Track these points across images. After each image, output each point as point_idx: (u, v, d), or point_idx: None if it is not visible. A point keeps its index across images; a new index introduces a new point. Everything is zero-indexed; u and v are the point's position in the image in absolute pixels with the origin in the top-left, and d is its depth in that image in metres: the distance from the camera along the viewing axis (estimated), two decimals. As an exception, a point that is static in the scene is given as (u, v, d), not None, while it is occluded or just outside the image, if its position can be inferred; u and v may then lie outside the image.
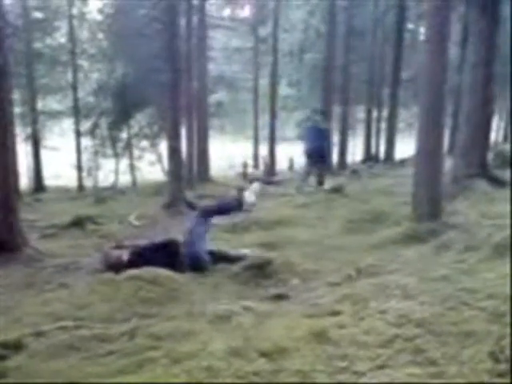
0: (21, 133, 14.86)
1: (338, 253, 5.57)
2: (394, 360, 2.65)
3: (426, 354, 2.66)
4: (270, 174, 18.91)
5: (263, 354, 2.90)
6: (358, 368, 2.59)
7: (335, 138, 20.89)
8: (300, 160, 23.32)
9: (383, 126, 23.63)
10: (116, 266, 5.06)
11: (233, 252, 5.58)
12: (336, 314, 3.54)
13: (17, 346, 3.44)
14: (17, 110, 12.70)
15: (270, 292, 4.40)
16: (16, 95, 12.62)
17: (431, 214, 5.94)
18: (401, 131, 24.11)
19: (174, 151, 11.96)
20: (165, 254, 5.13)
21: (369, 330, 3.05)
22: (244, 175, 19.41)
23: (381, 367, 2.58)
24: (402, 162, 19.29)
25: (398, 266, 4.58)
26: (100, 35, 19.26)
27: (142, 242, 5.68)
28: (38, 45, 16.79)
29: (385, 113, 23.56)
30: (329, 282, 4.50)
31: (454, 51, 16.32)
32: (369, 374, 2.53)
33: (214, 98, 22.74)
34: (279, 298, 4.24)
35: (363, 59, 23.00)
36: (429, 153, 6.04)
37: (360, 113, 25.48)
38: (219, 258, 5.40)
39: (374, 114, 24.05)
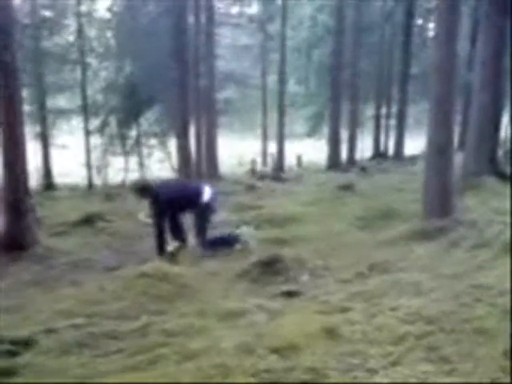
0: (30, 131, 14.91)
1: (348, 249, 5.55)
2: (406, 357, 2.64)
3: (439, 352, 2.65)
4: (278, 171, 18.86)
5: (275, 351, 2.90)
6: (371, 365, 2.58)
7: (344, 134, 20.85)
8: (309, 157, 23.38)
9: (392, 122, 23.51)
10: None
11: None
12: (347, 310, 3.53)
13: (27, 343, 3.46)
14: (26, 108, 12.74)
15: (280, 289, 4.39)
16: (25, 94, 12.66)
17: (442, 211, 5.90)
18: (410, 127, 23.96)
19: (182, 149, 11.98)
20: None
21: (381, 327, 3.04)
22: (253, 172, 19.39)
23: (393, 364, 2.57)
24: (412, 158, 19.19)
25: (409, 263, 4.57)
26: (108, 33, 19.31)
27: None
28: (46, 43, 16.84)
29: (394, 109, 23.44)
30: (340, 279, 4.49)
31: (463, 46, 16.21)
32: (382, 371, 2.52)
33: (222, 96, 22.72)
34: (290, 294, 4.23)
35: (372, 55, 22.87)
36: (439, 149, 5.99)
37: (369, 109, 25.33)
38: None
39: (383, 110, 23.93)
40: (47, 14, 16.96)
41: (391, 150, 23.23)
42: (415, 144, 20.57)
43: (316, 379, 2.52)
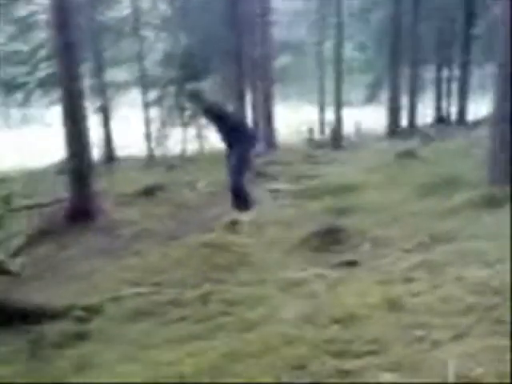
0: (91, 105, 15.28)
1: (410, 218, 5.40)
2: (473, 329, 2.55)
3: (507, 325, 2.54)
4: (336, 139, 18.57)
5: (336, 321, 2.88)
6: (436, 337, 2.52)
7: (404, 100, 20.22)
8: (368, 124, 22.87)
9: (454, 86, 22.58)
10: None
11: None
12: (410, 281, 3.46)
13: (97, 310, 3.61)
14: (86, 82, 13.04)
15: (340, 258, 4.34)
16: (84, 68, 12.95)
17: (508, 178, 5.63)
18: (473, 91, 22.90)
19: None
20: None
21: (445, 298, 2.95)
22: (310, 141, 19.19)
23: (459, 337, 2.49)
24: (476, 123, 18.39)
25: (474, 232, 4.40)
26: (163, 5, 19.35)
27: None
28: (102, 17, 17.07)
29: (456, 72, 22.48)
30: (402, 249, 4.38)
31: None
32: (447, 343, 2.45)
33: (278, 64, 22.41)
34: (350, 264, 4.18)
35: (432, 16, 21.88)
36: (505, 115, 5.69)
37: (429, 73, 24.37)
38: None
39: (444, 73, 22.99)
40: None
41: (453, 115, 22.37)
42: (479, 108, 19.71)
43: (378, 350, 2.48)
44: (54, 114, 13.49)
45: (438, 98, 22.93)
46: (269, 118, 17.50)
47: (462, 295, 2.94)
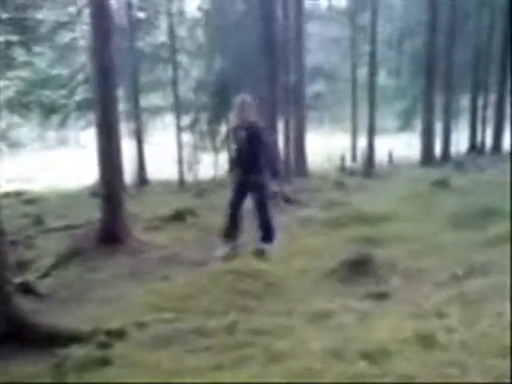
0: (125, 128, 15.57)
1: (444, 250, 5.24)
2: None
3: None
4: (368, 167, 18.41)
5: (365, 356, 2.77)
6: (471, 378, 2.38)
7: (438, 127, 19.98)
8: (401, 152, 22.62)
9: (490, 114, 22.24)
10: None
11: None
12: (443, 315, 3.32)
13: (120, 335, 3.57)
14: (121, 106, 13.31)
15: (370, 290, 4.22)
16: (120, 92, 13.24)
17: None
18: (509, 120, 22.51)
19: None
20: None
21: (482, 336, 2.81)
22: (342, 168, 19.08)
23: (497, 379, 2.35)
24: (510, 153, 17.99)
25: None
26: (199, 32, 19.72)
27: None
28: (139, 43, 17.49)
29: (491, 100, 22.16)
30: (435, 282, 4.24)
31: None
32: (483, 386, 2.31)
33: (311, 90, 22.48)
34: (380, 296, 4.06)
35: (467, 43, 21.70)
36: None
37: (464, 101, 24.08)
38: None
39: (480, 101, 22.68)
40: (141, 15, 17.59)
41: (488, 144, 21.99)
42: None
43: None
44: (89, 137, 13.79)
45: (473, 126, 22.60)
46: (300, 144, 17.49)
47: (500, 333, 2.80)
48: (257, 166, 5.94)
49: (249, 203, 6.10)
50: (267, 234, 5.99)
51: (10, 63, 14.15)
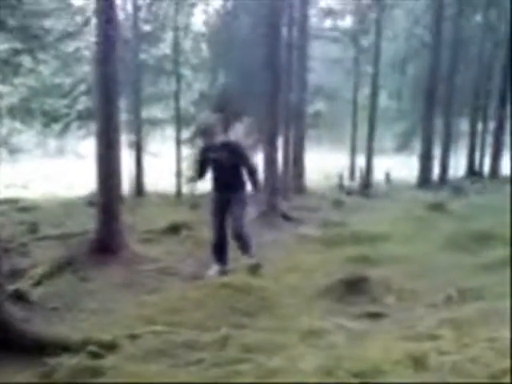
0: (125, 139, 15.59)
1: (438, 272, 5.24)
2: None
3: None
4: (366, 187, 18.45)
5: (356, 375, 2.76)
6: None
7: (436, 150, 20.05)
8: (398, 173, 22.68)
9: (488, 139, 22.37)
10: None
11: None
12: (436, 338, 3.31)
13: (112, 347, 3.53)
14: (123, 117, 13.33)
15: (364, 310, 4.21)
16: (122, 103, 13.28)
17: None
18: (507, 146, 22.65)
19: (270, 162, 12.00)
20: None
21: (475, 359, 2.79)
22: (340, 187, 19.11)
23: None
24: (510, 178, 18.07)
25: (506, 291, 4.22)
26: (203, 46, 19.85)
27: None
28: (143, 55, 17.57)
29: (491, 126, 22.30)
30: (428, 303, 4.23)
31: None
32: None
33: (311, 109, 22.59)
34: (373, 316, 4.05)
35: (469, 69, 21.89)
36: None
37: (463, 125, 24.23)
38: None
39: (479, 127, 22.84)
40: (147, 28, 17.69)
41: (486, 169, 22.08)
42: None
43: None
44: (88, 146, 13.80)
45: (472, 151, 22.70)
46: (299, 162, 17.52)
47: (493, 358, 2.78)
48: (239, 182, 6.13)
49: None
50: (243, 244, 6.02)
51: (16, 70, 14.20)
